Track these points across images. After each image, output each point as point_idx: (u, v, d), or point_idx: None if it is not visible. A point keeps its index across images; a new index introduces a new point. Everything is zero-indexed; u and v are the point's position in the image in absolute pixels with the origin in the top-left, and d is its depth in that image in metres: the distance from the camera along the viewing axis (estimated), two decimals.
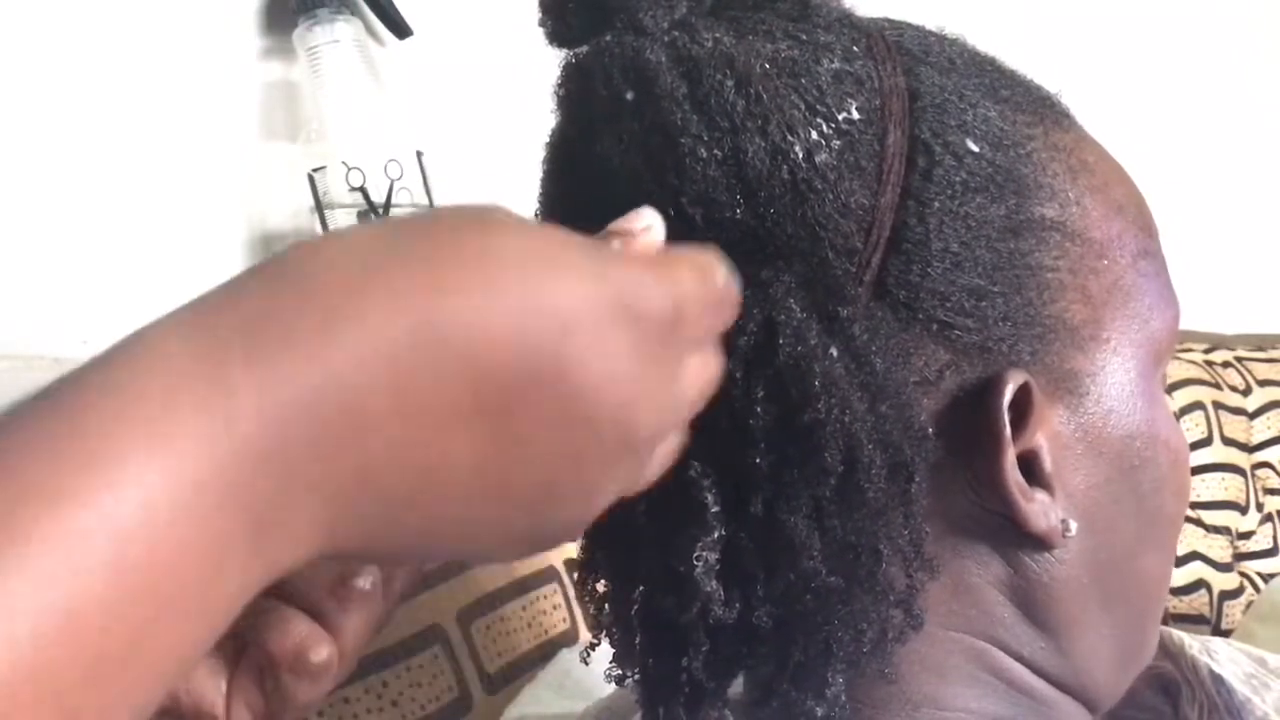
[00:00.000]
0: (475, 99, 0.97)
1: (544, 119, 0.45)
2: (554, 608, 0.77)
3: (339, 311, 0.27)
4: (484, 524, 0.31)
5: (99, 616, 0.24)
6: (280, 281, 0.28)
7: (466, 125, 0.96)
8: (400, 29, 0.92)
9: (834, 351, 0.38)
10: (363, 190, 0.84)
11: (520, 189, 0.52)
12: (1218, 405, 1.25)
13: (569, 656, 0.74)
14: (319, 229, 0.86)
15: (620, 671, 0.45)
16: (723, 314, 0.35)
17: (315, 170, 0.85)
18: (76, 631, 0.24)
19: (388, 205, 0.85)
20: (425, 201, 0.87)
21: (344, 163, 0.84)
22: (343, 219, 0.85)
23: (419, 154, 0.87)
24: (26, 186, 0.78)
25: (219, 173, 0.86)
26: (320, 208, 0.85)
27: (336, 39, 0.86)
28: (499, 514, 0.31)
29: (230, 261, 0.87)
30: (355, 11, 0.88)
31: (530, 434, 0.29)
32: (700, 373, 0.34)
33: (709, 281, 0.34)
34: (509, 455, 0.30)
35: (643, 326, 0.31)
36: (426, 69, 0.95)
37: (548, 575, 0.77)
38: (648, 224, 0.36)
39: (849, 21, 0.42)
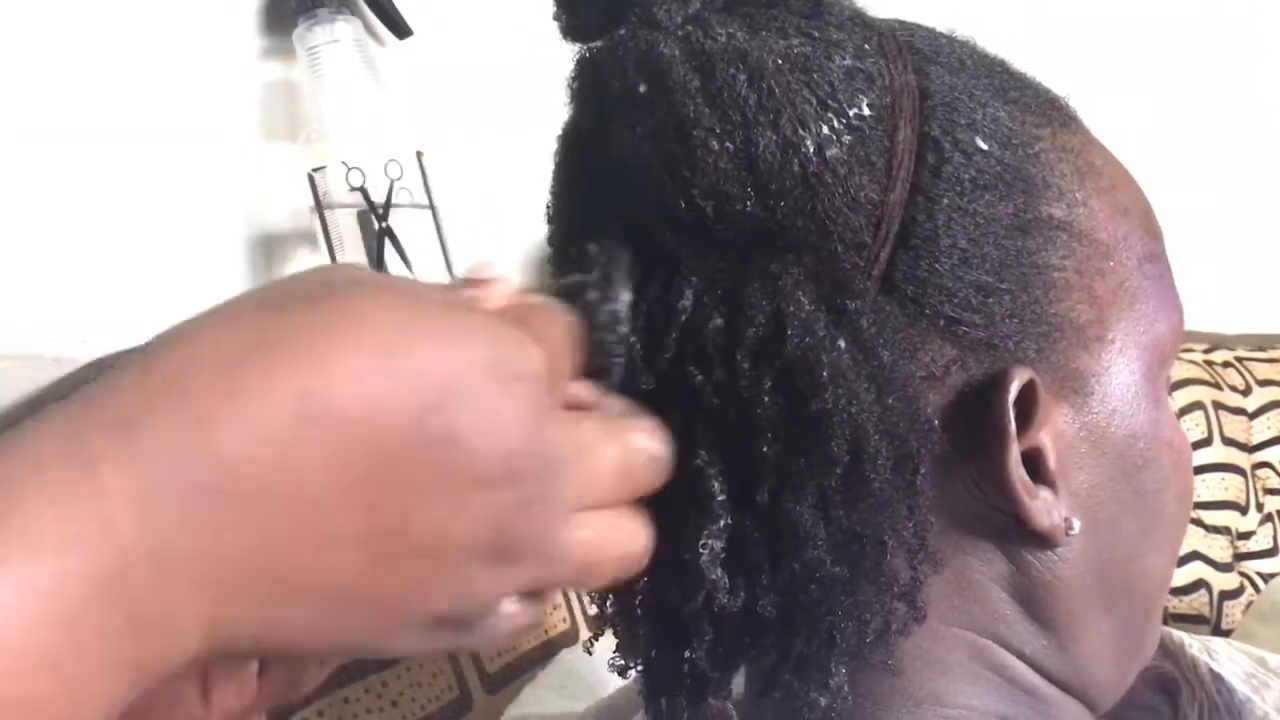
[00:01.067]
0: (475, 99, 0.97)
1: (544, 119, 0.45)
2: (554, 608, 0.77)
3: (213, 401, 0.27)
4: (375, 605, 0.29)
5: None
6: (151, 377, 0.28)
7: (466, 125, 0.96)
8: (400, 29, 0.92)
9: (842, 343, 0.39)
10: (363, 190, 0.84)
11: (520, 189, 0.52)
12: (1218, 405, 1.25)
13: (569, 657, 0.74)
14: (319, 229, 0.86)
15: (623, 663, 0.45)
16: (576, 355, 0.35)
17: (315, 170, 0.85)
18: None
19: (387, 205, 0.85)
20: (425, 201, 0.87)
21: (344, 163, 0.84)
22: (343, 219, 0.85)
23: (419, 154, 0.87)
24: (27, 186, 0.78)
25: (219, 173, 0.86)
26: (320, 208, 0.85)
27: (336, 39, 0.86)
28: (390, 591, 0.29)
29: (230, 261, 0.87)
30: (355, 11, 0.88)
31: (422, 495, 0.29)
32: (577, 425, 0.33)
33: (564, 327, 0.34)
34: (400, 524, 0.29)
35: (526, 387, 0.30)
36: (426, 69, 0.95)
37: None
38: (495, 275, 0.35)
39: (861, 20, 0.43)
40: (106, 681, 0.26)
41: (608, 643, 0.47)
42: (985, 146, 0.42)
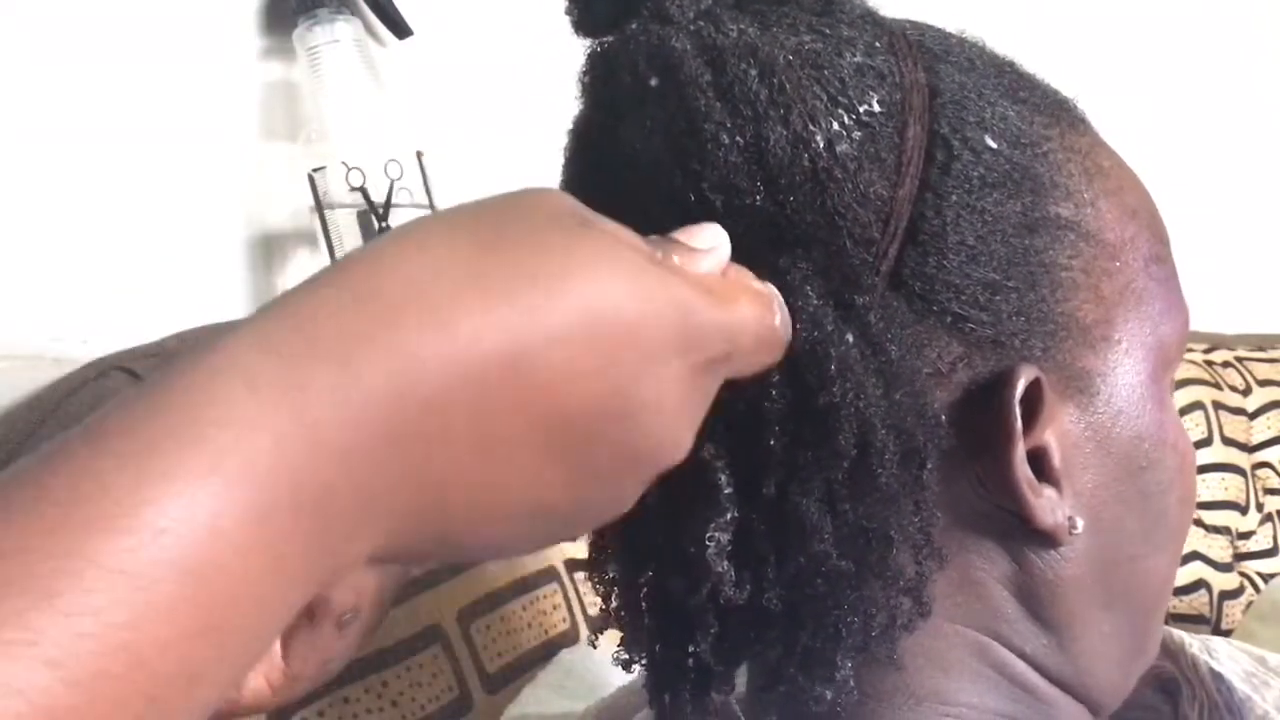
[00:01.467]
0: (475, 99, 0.97)
1: (544, 119, 0.45)
2: (554, 608, 0.77)
3: (427, 340, 0.28)
4: (521, 539, 0.33)
5: (161, 628, 0.24)
6: (365, 286, 0.29)
7: (466, 125, 0.96)
8: (400, 29, 0.92)
9: (850, 338, 0.39)
10: (363, 190, 0.84)
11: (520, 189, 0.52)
12: (1218, 405, 1.25)
13: (569, 656, 0.74)
14: (319, 229, 0.86)
15: (627, 657, 0.45)
16: (772, 353, 0.37)
17: (315, 170, 0.85)
18: (139, 652, 0.24)
19: (387, 205, 0.85)
20: (425, 201, 0.87)
21: (344, 163, 0.84)
22: (343, 219, 0.85)
23: (419, 154, 0.87)
24: (27, 186, 0.78)
25: (219, 173, 0.86)
26: (320, 208, 0.85)
27: (336, 39, 0.86)
28: (540, 530, 0.33)
29: (230, 261, 0.87)
30: (355, 11, 0.88)
31: (588, 462, 0.32)
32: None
33: (766, 320, 0.36)
34: (564, 480, 0.32)
35: (697, 358, 0.33)
36: (426, 69, 0.95)
37: (548, 575, 0.77)
38: (713, 244, 0.36)
39: (871, 19, 0.43)
40: (300, 573, 0.27)
41: (608, 642, 0.47)
42: (994, 145, 0.42)
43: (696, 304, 0.33)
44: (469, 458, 0.29)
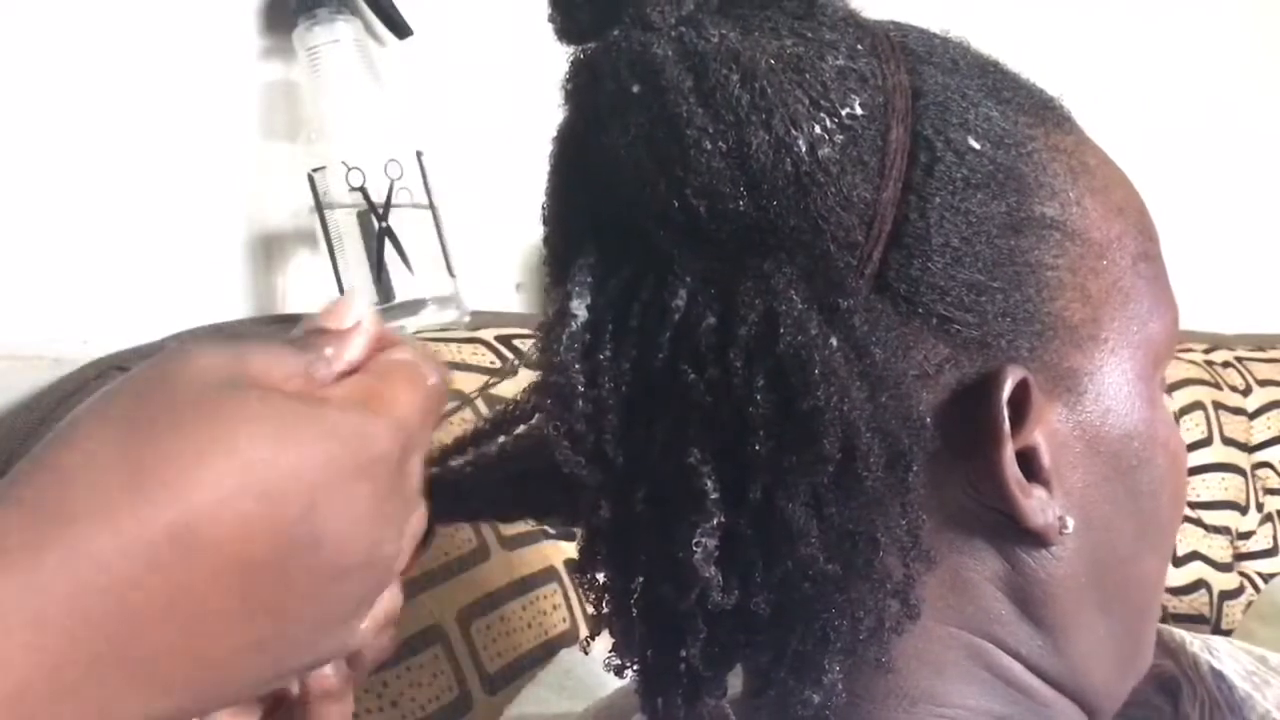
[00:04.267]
0: (475, 99, 0.97)
1: (544, 119, 0.45)
2: (554, 608, 0.77)
3: (94, 519, 0.30)
4: (265, 676, 0.34)
5: None
6: (39, 494, 0.30)
7: (466, 125, 0.96)
8: (400, 29, 0.92)
9: (834, 342, 0.39)
10: (363, 190, 0.84)
11: (520, 189, 0.52)
12: (1218, 405, 1.25)
13: (569, 656, 0.74)
14: (319, 229, 0.86)
15: (619, 662, 0.45)
16: (443, 405, 0.38)
17: (315, 170, 0.85)
18: None
19: (387, 205, 0.85)
20: (425, 201, 0.87)
21: (344, 163, 0.84)
22: (343, 219, 0.85)
23: (419, 154, 0.87)
24: (27, 186, 0.78)
25: (219, 173, 0.86)
26: (320, 208, 0.85)
27: (336, 39, 0.86)
28: (268, 668, 0.34)
29: (230, 261, 0.87)
30: (355, 11, 0.88)
31: (294, 596, 0.33)
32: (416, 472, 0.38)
33: (426, 393, 0.37)
34: (276, 620, 0.33)
35: (378, 470, 0.34)
36: (426, 69, 0.95)
37: (548, 575, 0.77)
38: (357, 317, 0.38)
39: (854, 21, 0.43)
40: None
41: (607, 642, 0.47)
42: (978, 146, 0.42)
43: (357, 427, 0.34)
44: (170, 628, 0.31)
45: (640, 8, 0.41)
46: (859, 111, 0.40)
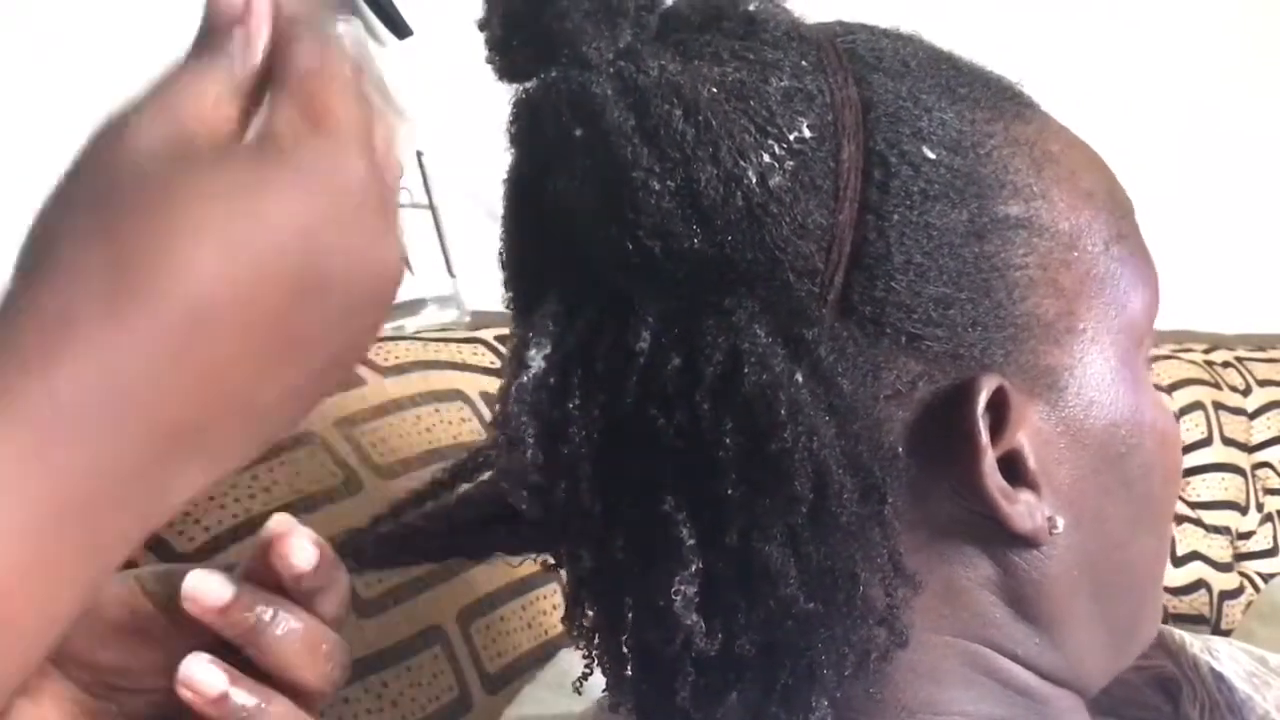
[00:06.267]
0: (475, 99, 0.97)
1: None
2: (554, 608, 0.77)
3: (111, 336, 0.29)
4: (291, 413, 0.34)
5: None
6: (45, 320, 0.30)
7: (466, 125, 0.96)
8: (400, 29, 0.92)
9: (799, 377, 0.38)
10: None
11: None
12: (1218, 405, 1.25)
13: (569, 657, 0.74)
14: None
15: (615, 700, 0.45)
16: (383, 95, 0.38)
17: None
18: None
19: None
20: (425, 201, 0.87)
21: None
22: None
23: (419, 154, 0.87)
24: (27, 186, 0.78)
25: None
26: None
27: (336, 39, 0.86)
28: (308, 399, 0.34)
29: None
30: (355, 11, 0.88)
31: (316, 339, 0.32)
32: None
33: (350, 88, 0.37)
34: (306, 362, 0.32)
35: (354, 188, 0.33)
36: (426, 69, 0.95)
37: (548, 575, 0.77)
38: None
39: (798, 34, 0.42)
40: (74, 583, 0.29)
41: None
42: (933, 155, 0.41)
43: (319, 157, 0.33)
44: (213, 399, 0.31)
45: (575, 46, 0.40)
46: (807, 134, 0.39)
